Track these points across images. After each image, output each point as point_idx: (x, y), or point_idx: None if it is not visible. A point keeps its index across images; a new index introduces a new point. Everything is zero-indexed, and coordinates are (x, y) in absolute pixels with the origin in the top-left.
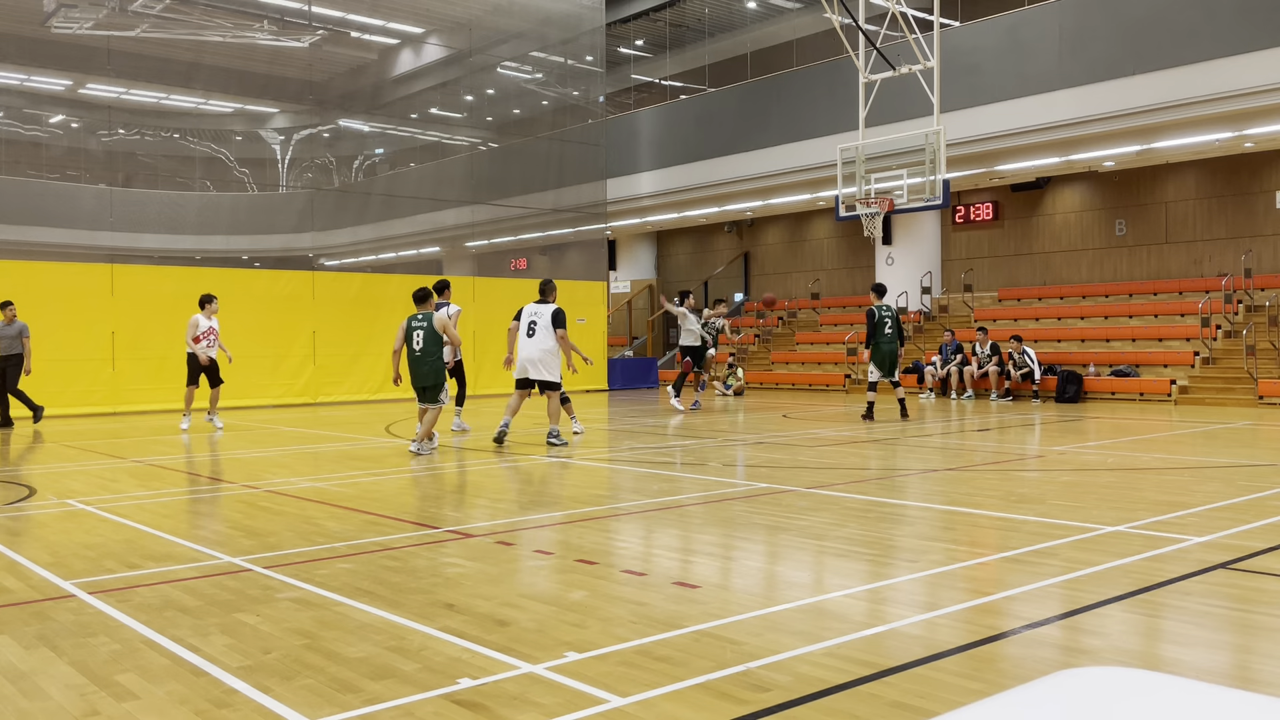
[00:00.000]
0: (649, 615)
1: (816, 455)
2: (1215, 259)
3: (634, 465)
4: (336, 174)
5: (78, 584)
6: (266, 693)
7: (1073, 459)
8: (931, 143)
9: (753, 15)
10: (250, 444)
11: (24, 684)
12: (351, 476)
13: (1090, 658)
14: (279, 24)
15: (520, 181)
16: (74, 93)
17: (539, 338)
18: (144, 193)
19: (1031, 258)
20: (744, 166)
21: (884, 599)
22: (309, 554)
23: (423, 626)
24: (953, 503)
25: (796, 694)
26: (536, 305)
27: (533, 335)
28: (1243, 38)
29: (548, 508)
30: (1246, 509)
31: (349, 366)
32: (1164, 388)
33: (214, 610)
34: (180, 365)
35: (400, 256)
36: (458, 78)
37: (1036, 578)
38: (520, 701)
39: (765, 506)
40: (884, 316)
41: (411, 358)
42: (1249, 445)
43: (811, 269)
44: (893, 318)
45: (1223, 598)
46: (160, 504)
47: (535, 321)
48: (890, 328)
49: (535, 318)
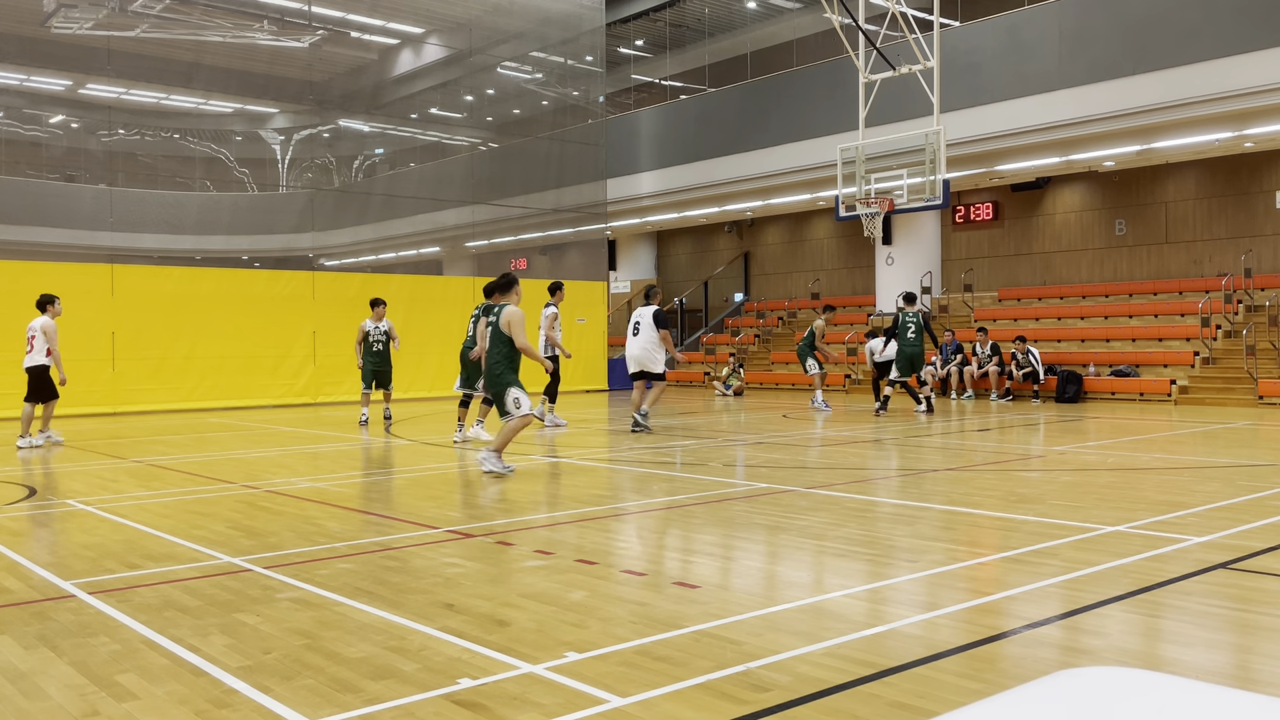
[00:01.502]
0: (649, 615)
1: (816, 455)
2: (1215, 259)
3: (634, 465)
4: (336, 174)
5: (78, 584)
6: (266, 693)
7: (1073, 459)
8: (931, 143)
9: (753, 15)
10: (250, 444)
11: (24, 684)
12: (351, 476)
13: (1090, 658)
14: (279, 24)
15: (520, 181)
16: (74, 93)
17: (643, 335)
18: (144, 193)
19: (1031, 258)
20: (744, 166)
21: (884, 599)
22: (309, 554)
23: (423, 626)
24: (953, 503)
25: (796, 694)
26: (642, 307)
27: (637, 334)
28: (1242, 38)
29: (548, 508)
30: (1246, 509)
31: (349, 366)
32: (1164, 388)
33: (214, 610)
34: (181, 365)
35: (400, 256)
36: (458, 78)
37: (1036, 578)
38: (520, 701)
39: (765, 506)
40: (907, 320)
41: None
42: (1249, 445)
43: (811, 269)
44: (917, 322)
45: (1223, 598)
46: (160, 504)
47: (639, 322)
48: (914, 331)
49: (640, 318)
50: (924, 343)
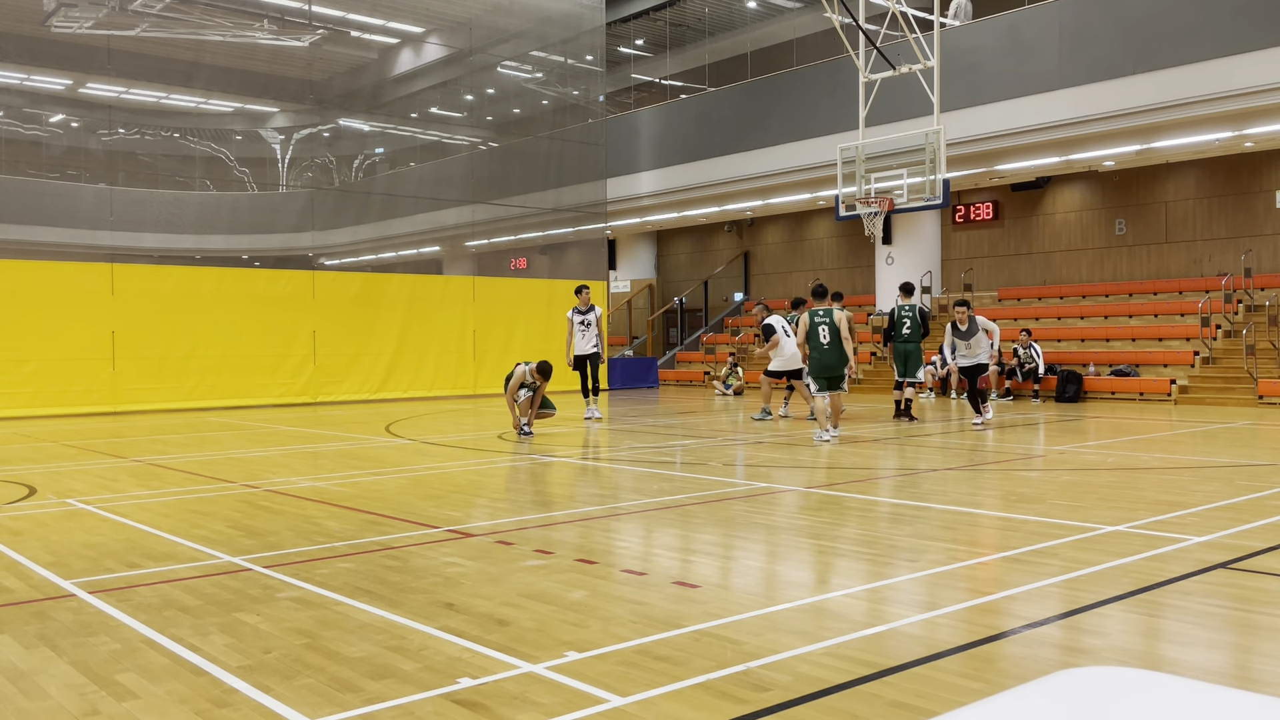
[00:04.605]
0: (649, 615)
1: (816, 455)
2: (1215, 259)
3: (634, 465)
4: (336, 173)
5: (78, 583)
6: (266, 692)
7: (1073, 459)
8: (931, 142)
9: (753, 15)
10: (250, 444)
11: (24, 683)
12: (351, 476)
13: (1090, 658)
14: (279, 23)
15: (520, 181)
16: (74, 92)
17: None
18: (144, 192)
19: (1031, 257)
20: (744, 166)
21: (884, 599)
22: (309, 554)
23: (423, 626)
24: (953, 502)
25: (796, 694)
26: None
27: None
28: (1242, 38)
29: (548, 508)
30: (1246, 509)
31: (349, 366)
32: (1164, 387)
33: (214, 610)
34: (181, 365)
35: (400, 256)
36: (458, 77)
37: (1036, 577)
38: (520, 701)
39: (765, 506)
40: (904, 316)
41: (821, 350)
42: (1249, 445)
43: (811, 268)
44: (913, 317)
45: (1223, 598)
46: (160, 504)
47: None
48: (909, 327)
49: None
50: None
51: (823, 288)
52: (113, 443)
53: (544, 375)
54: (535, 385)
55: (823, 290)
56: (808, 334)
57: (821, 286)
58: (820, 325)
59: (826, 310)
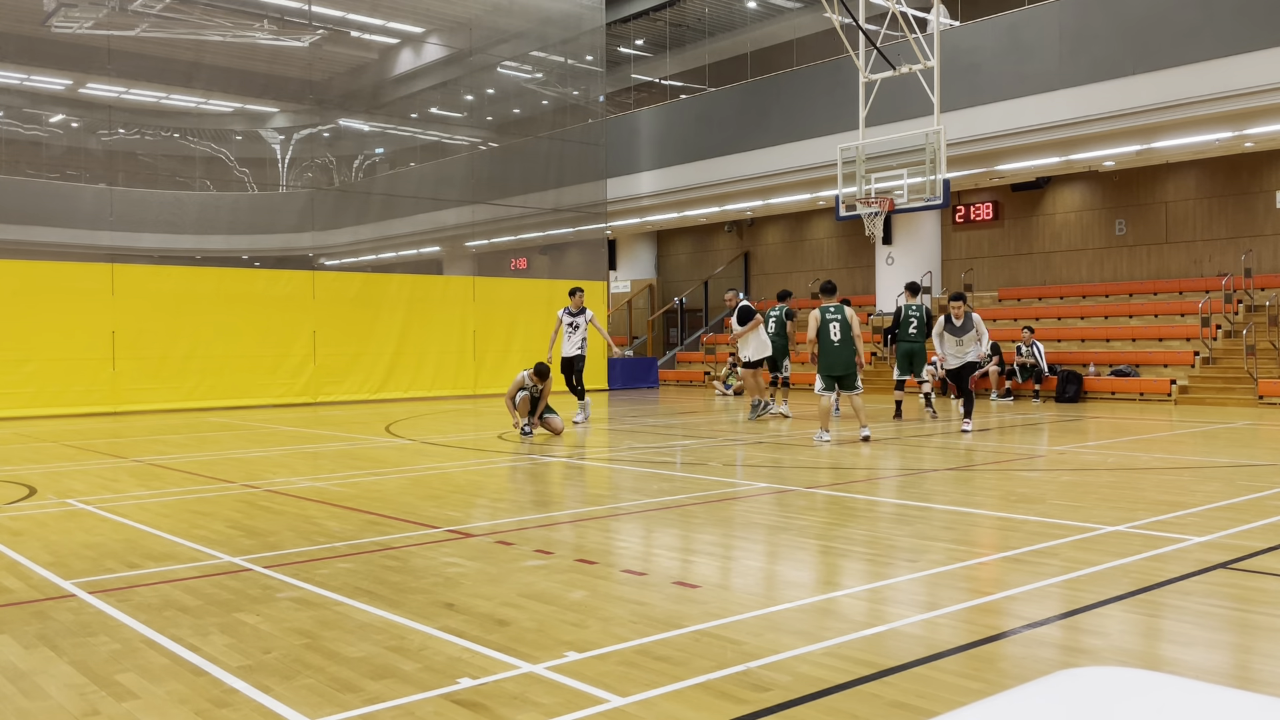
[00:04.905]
0: (649, 615)
1: (816, 455)
2: (1215, 259)
3: (634, 465)
4: (336, 174)
5: (78, 584)
6: (266, 692)
7: (1073, 459)
8: (931, 142)
9: (753, 15)
10: (250, 444)
11: (24, 683)
12: (351, 476)
13: (1090, 658)
14: (279, 24)
15: (520, 181)
16: (74, 92)
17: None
18: (144, 192)
19: (1031, 257)
20: (744, 166)
21: (884, 599)
22: (309, 554)
23: (423, 626)
24: (953, 503)
25: (796, 694)
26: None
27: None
28: (1242, 38)
29: (548, 508)
30: (1246, 509)
31: (349, 366)
32: (1164, 388)
33: (214, 610)
34: (181, 365)
35: (400, 256)
36: (458, 77)
37: (1036, 578)
38: (520, 701)
39: (765, 506)
40: (910, 315)
41: (831, 348)
42: (1249, 445)
43: (812, 269)
44: (919, 317)
45: (1223, 598)
46: (160, 504)
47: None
48: (915, 327)
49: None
50: (925, 339)
51: (832, 284)
52: (113, 443)
53: (541, 376)
54: (534, 387)
55: (832, 287)
56: (818, 331)
57: (830, 283)
58: (831, 322)
59: (838, 307)
